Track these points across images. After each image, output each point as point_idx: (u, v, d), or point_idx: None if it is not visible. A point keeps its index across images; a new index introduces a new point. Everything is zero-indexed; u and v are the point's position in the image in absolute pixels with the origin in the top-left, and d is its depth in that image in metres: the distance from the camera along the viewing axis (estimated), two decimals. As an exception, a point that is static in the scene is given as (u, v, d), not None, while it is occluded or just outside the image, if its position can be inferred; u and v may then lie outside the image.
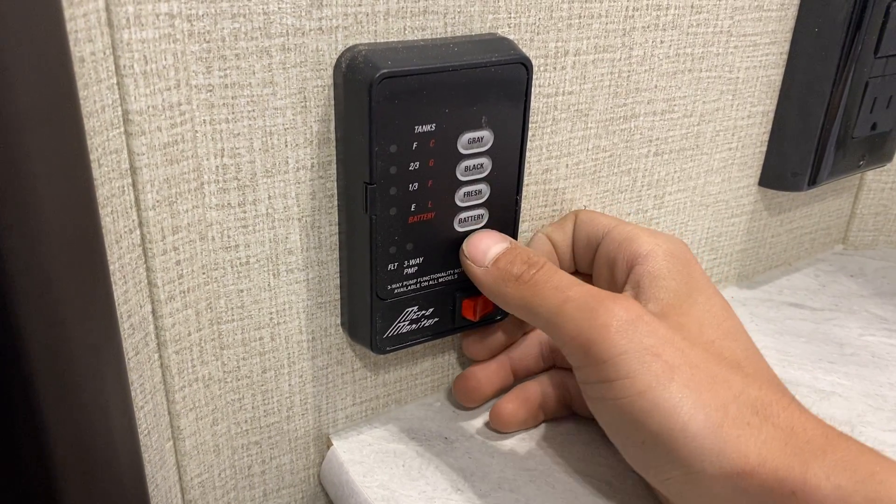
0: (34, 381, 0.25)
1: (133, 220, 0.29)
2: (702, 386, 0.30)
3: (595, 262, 0.39)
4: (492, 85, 0.33)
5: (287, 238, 0.34)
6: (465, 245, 0.36)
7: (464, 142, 0.34)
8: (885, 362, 0.48)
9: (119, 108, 0.27)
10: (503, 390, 0.40)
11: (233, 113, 0.30)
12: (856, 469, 0.27)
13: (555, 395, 0.40)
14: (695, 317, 0.34)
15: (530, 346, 0.41)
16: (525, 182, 0.39)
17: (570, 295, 0.32)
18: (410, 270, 0.36)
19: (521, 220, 0.39)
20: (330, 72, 0.32)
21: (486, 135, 0.34)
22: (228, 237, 0.32)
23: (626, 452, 0.32)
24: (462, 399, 0.41)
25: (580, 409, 0.40)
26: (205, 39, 0.28)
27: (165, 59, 0.27)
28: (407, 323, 0.37)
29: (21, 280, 0.24)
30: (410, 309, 0.36)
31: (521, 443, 0.39)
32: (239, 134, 0.31)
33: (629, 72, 0.41)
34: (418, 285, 0.36)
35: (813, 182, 0.50)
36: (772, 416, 0.29)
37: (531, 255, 0.35)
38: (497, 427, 0.39)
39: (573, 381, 0.40)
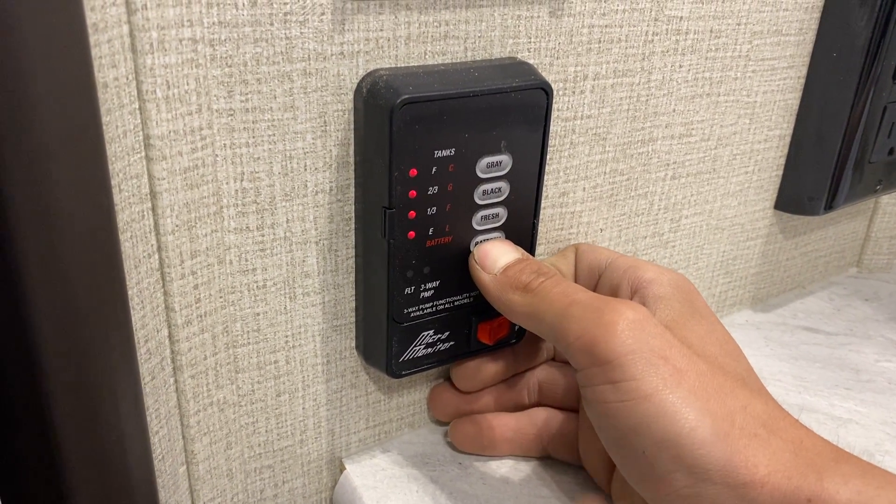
0: (51, 406, 0.25)
1: (152, 245, 0.29)
2: (709, 393, 0.29)
3: (597, 288, 0.38)
4: (511, 110, 0.33)
5: (304, 261, 0.33)
6: (476, 250, 0.35)
7: (482, 166, 0.34)
8: (902, 389, 0.48)
9: (140, 133, 0.27)
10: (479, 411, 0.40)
11: (253, 137, 0.30)
12: (873, 477, 0.27)
13: (531, 433, 0.39)
14: (698, 335, 0.33)
15: (518, 380, 0.40)
16: (542, 205, 0.39)
17: (576, 298, 0.32)
18: (427, 294, 0.35)
19: (537, 243, 0.39)
20: (351, 96, 0.31)
21: (505, 159, 0.34)
22: (246, 261, 0.32)
23: (624, 464, 0.31)
24: (431, 407, 0.41)
25: (556, 451, 0.40)
26: (227, 64, 0.28)
27: (187, 84, 0.27)
28: (422, 346, 0.36)
29: (41, 305, 0.24)
30: (426, 333, 0.36)
31: (535, 469, 0.39)
32: (259, 158, 0.30)
33: (648, 96, 0.41)
34: (434, 309, 0.36)
35: (829, 206, 0.50)
36: (779, 429, 0.29)
37: (541, 266, 0.35)
38: (451, 439, 0.40)
39: (556, 422, 0.39)
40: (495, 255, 0.35)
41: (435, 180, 0.33)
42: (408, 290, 0.34)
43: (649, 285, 0.35)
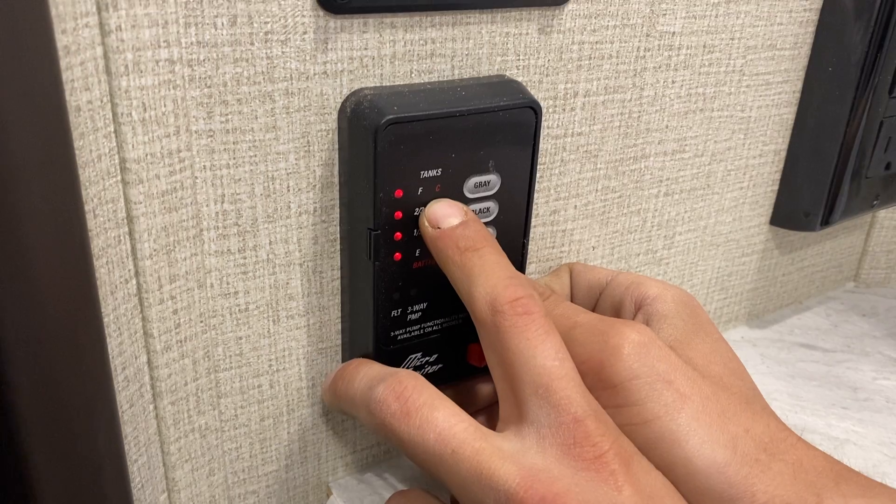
0: (24, 437, 0.24)
1: (129, 270, 0.28)
2: (711, 419, 0.29)
3: (598, 307, 0.38)
4: (500, 129, 0.33)
5: (288, 284, 0.33)
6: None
7: (470, 186, 0.33)
8: (901, 408, 0.47)
9: (116, 157, 0.26)
10: None
11: (234, 158, 0.29)
12: (874, 495, 0.27)
13: None
14: (702, 353, 0.33)
15: None
16: (532, 224, 0.38)
17: (578, 320, 0.31)
18: (414, 316, 0.35)
19: (528, 262, 0.38)
20: (334, 116, 0.31)
21: (493, 179, 0.34)
22: (227, 284, 0.31)
23: None
24: None
25: None
26: (206, 84, 0.28)
27: (165, 106, 0.27)
28: (411, 370, 0.35)
29: (12, 333, 0.23)
30: (414, 356, 0.35)
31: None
32: (240, 179, 0.30)
33: (640, 112, 0.40)
34: (422, 331, 0.35)
35: (826, 222, 0.49)
36: (780, 452, 0.29)
37: (536, 285, 0.34)
38: None
39: None
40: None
41: (421, 201, 0.32)
42: (394, 313, 0.34)
43: (653, 302, 0.34)
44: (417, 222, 0.32)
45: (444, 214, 0.31)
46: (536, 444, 0.26)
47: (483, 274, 0.29)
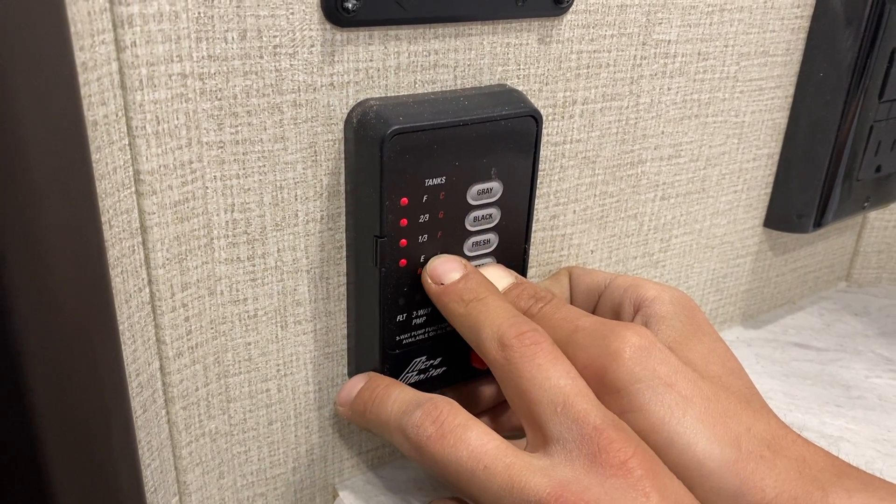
0: (42, 441, 0.25)
1: (143, 279, 0.29)
2: (715, 420, 0.30)
3: (598, 309, 0.38)
4: (502, 138, 0.33)
5: (295, 290, 0.33)
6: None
7: (473, 193, 0.34)
8: (893, 405, 0.48)
9: (130, 169, 0.27)
10: None
11: (243, 168, 0.30)
12: (875, 489, 0.28)
13: None
14: (700, 354, 0.34)
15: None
16: (532, 229, 0.39)
17: (579, 324, 0.32)
18: (419, 321, 0.35)
19: (528, 266, 0.39)
20: (341, 126, 0.32)
21: (496, 186, 0.34)
22: (237, 291, 0.32)
23: None
24: None
25: None
26: (216, 97, 0.28)
27: (177, 119, 0.27)
28: (415, 373, 0.36)
29: (31, 341, 0.24)
30: (419, 359, 0.36)
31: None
32: (249, 189, 0.30)
33: (636, 119, 0.41)
34: (426, 335, 0.36)
35: (818, 224, 0.50)
36: (783, 448, 0.29)
37: (537, 289, 0.35)
38: None
39: None
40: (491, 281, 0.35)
41: (426, 208, 0.33)
42: (400, 318, 0.34)
43: (651, 304, 0.35)
44: (422, 230, 0.33)
45: (444, 270, 0.33)
46: (564, 459, 0.27)
47: (488, 318, 0.31)
